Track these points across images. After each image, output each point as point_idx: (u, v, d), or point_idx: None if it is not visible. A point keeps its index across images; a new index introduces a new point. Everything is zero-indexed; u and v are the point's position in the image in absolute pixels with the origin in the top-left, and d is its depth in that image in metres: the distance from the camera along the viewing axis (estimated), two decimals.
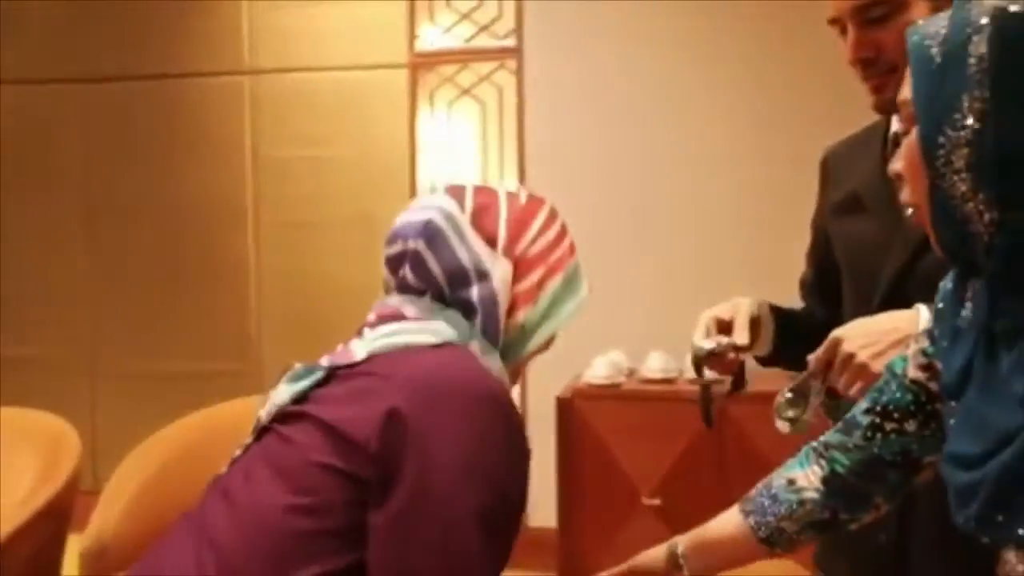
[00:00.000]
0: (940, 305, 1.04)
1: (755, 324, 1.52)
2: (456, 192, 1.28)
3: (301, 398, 1.20)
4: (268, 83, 4.05)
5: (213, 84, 4.11)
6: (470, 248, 1.23)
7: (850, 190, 1.54)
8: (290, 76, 4.02)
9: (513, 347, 1.26)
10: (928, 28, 0.90)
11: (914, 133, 0.91)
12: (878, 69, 1.41)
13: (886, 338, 1.25)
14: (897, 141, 1.45)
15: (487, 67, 3.79)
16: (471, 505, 1.09)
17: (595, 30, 3.67)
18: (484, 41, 3.79)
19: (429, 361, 1.17)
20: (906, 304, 1.36)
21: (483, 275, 1.23)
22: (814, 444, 1.20)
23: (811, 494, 1.18)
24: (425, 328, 1.20)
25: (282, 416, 1.20)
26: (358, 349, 1.21)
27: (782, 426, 1.37)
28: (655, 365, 3.44)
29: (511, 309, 1.25)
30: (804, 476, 1.19)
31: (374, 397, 1.13)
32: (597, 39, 3.68)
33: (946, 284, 1.04)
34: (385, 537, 1.10)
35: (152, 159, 4.19)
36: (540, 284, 1.26)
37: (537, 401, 3.65)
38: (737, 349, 1.46)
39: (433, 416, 1.11)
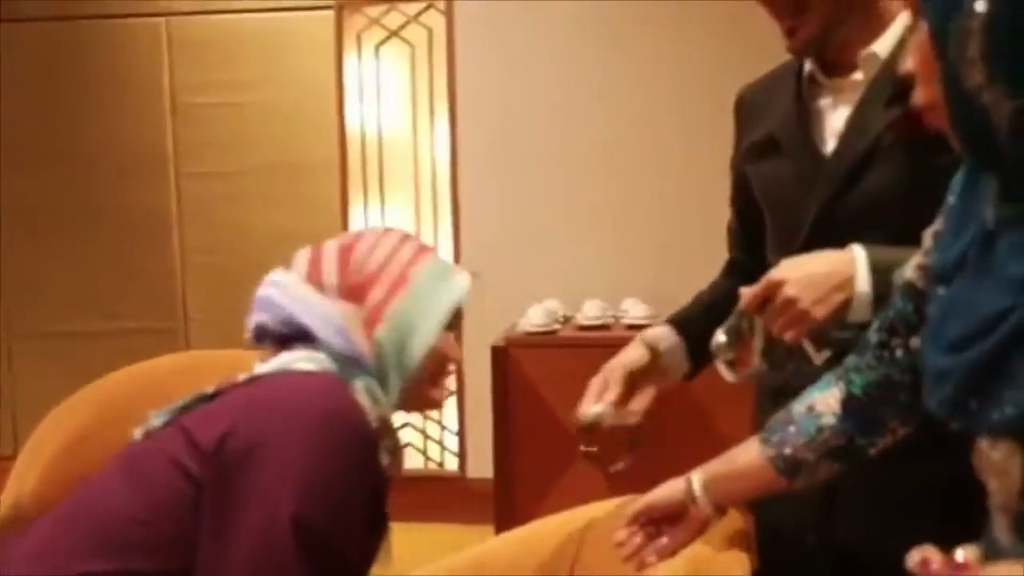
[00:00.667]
0: (951, 199, 1.02)
1: (650, 371, 1.53)
2: (292, 261, 1.37)
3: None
4: (187, 25, 3.90)
5: (129, 26, 3.95)
6: (304, 300, 1.30)
7: (766, 132, 1.51)
8: (210, 18, 3.87)
9: (393, 368, 1.31)
10: None
11: (923, 28, 0.87)
12: (787, 7, 1.38)
13: (827, 282, 1.24)
14: (814, 79, 1.45)
15: (416, 7, 3.69)
16: (290, 513, 1.12)
17: None
18: None
19: (287, 382, 1.24)
20: (830, 244, 1.35)
21: (324, 317, 1.29)
22: (836, 368, 1.19)
23: (829, 419, 1.17)
24: (307, 357, 1.27)
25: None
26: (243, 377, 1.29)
27: (725, 373, 1.37)
28: (591, 312, 3.43)
29: (367, 334, 1.30)
30: (823, 400, 1.18)
31: (226, 408, 1.21)
32: None
33: (958, 177, 1.02)
34: (207, 543, 1.14)
35: (66, 105, 4.02)
36: (384, 302, 1.30)
37: (473, 351, 3.62)
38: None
39: (269, 429, 1.16)
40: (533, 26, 3.62)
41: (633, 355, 1.54)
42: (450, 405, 3.78)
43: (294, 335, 1.29)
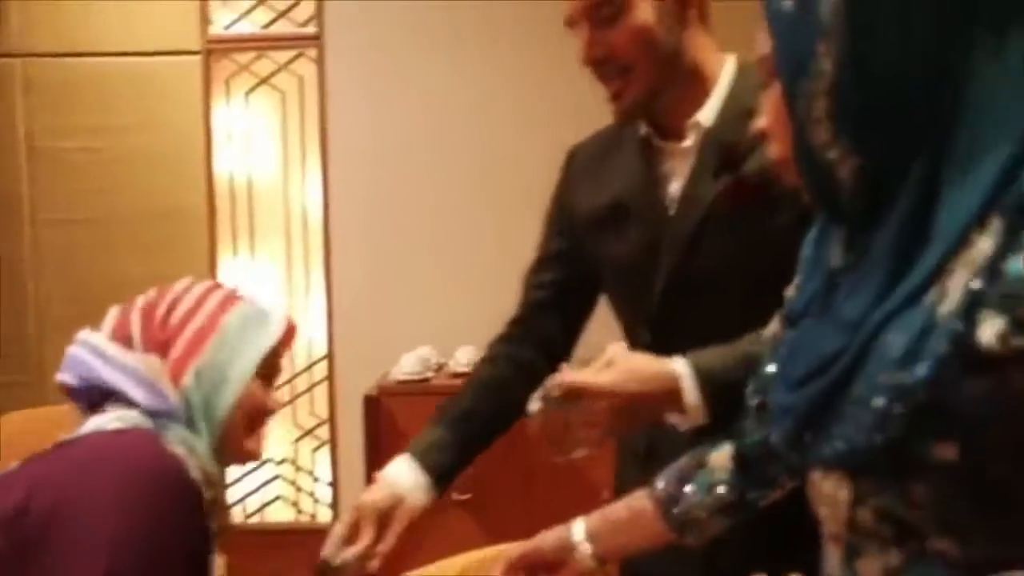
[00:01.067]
0: (806, 251, 1.04)
1: (397, 510, 1.51)
2: (101, 324, 1.36)
3: None
4: (46, 67, 3.77)
5: None
6: (108, 356, 1.29)
7: (611, 197, 1.51)
8: (71, 61, 3.75)
9: (202, 419, 1.29)
10: None
11: (776, 87, 0.91)
12: (612, 70, 1.40)
13: (644, 403, 1.29)
14: (651, 143, 1.47)
15: (286, 55, 3.68)
16: (98, 570, 1.10)
17: (399, 18, 3.63)
18: (283, 28, 3.67)
19: (93, 442, 1.23)
20: (681, 308, 1.40)
21: (129, 371, 1.27)
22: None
23: (721, 475, 1.19)
24: (117, 416, 1.25)
25: None
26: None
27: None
28: (464, 359, 3.43)
29: (175, 385, 1.28)
30: (716, 456, 1.20)
31: (26, 475, 1.20)
32: (401, 28, 3.64)
33: (813, 230, 1.05)
34: None
35: None
36: (189, 352, 1.29)
37: (346, 401, 3.59)
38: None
39: (71, 493, 1.15)
40: (404, 74, 3.65)
41: (378, 496, 1.51)
42: (322, 456, 3.73)
43: (103, 394, 1.27)
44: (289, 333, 1.43)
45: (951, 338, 0.78)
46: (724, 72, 1.45)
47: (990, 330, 0.76)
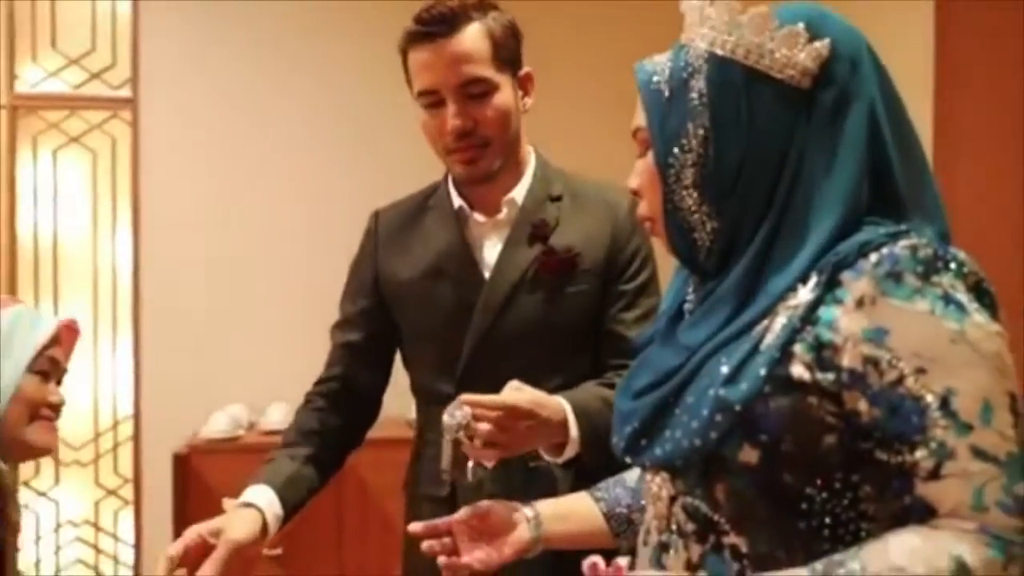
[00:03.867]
0: (670, 284, 1.18)
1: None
2: None
3: None
4: None
5: None
6: None
7: (428, 263, 1.60)
8: None
9: None
10: (652, 67, 1.05)
11: (650, 155, 1.04)
12: (473, 141, 1.50)
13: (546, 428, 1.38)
14: (462, 214, 1.59)
15: (99, 116, 3.64)
16: None
17: (214, 84, 3.67)
18: (96, 88, 3.64)
19: None
20: (489, 362, 1.51)
21: None
22: None
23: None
24: None
25: None
26: None
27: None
28: (276, 416, 3.45)
29: None
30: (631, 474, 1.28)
31: None
32: (216, 94, 3.68)
33: (674, 279, 1.17)
34: None
35: None
36: None
37: (153, 459, 3.55)
38: None
39: None
40: (218, 138, 3.67)
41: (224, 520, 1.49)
42: (125, 516, 3.67)
43: None
44: (66, 332, 1.53)
45: (768, 365, 0.94)
46: (531, 159, 1.63)
47: (799, 362, 0.93)
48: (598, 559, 1.02)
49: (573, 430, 1.38)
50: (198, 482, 3.31)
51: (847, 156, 0.98)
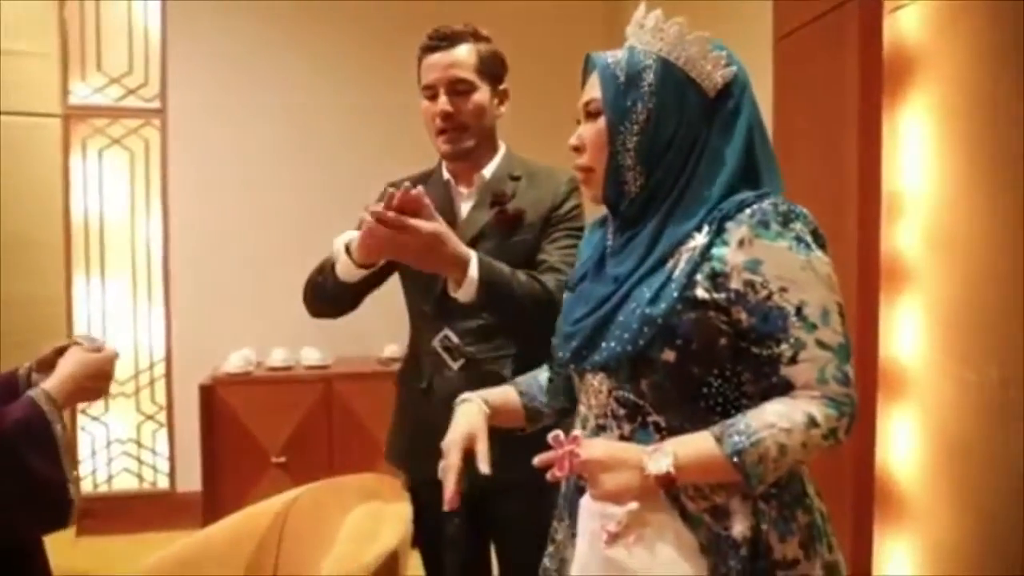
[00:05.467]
0: (582, 244, 1.20)
1: None
2: None
3: None
4: None
5: None
6: None
7: None
8: None
9: None
10: (608, 58, 1.07)
11: (601, 121, 1.06)
12: (454, 124, 1.58)
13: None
14: (450, 184, 1.64)
15: (135, 123, 3.52)
16: None
17: (228, 96, 3.60)
18: (132, 101, 3.52)
19: None
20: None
21: None
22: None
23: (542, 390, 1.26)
24: None
25: None
26: None
27: None
28: (277, 357, 3.45)
29: None
30: (541, 375, 1.29)
31: None
32: (227, 107, 3.60)
33: (594, 224, 1.19)
34: None
35: None
36: None
37: (183, 390, 3.49)
38: None
39: None
40: (230, 142, 3.60)
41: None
42: (161, 436, 3.59)
43: None
44: None
45: (679, 289, 0.99)
46: (501, 148, 1.69)
47: (701, 287, 0.99)
48: (559, 432, 1.04)
49: (473, 272, 1.38)
50: (220, 406, 3.26)
51: (734, 146, 1.05)
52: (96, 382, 1.17)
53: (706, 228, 1.01)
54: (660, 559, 0.98)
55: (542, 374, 1.30)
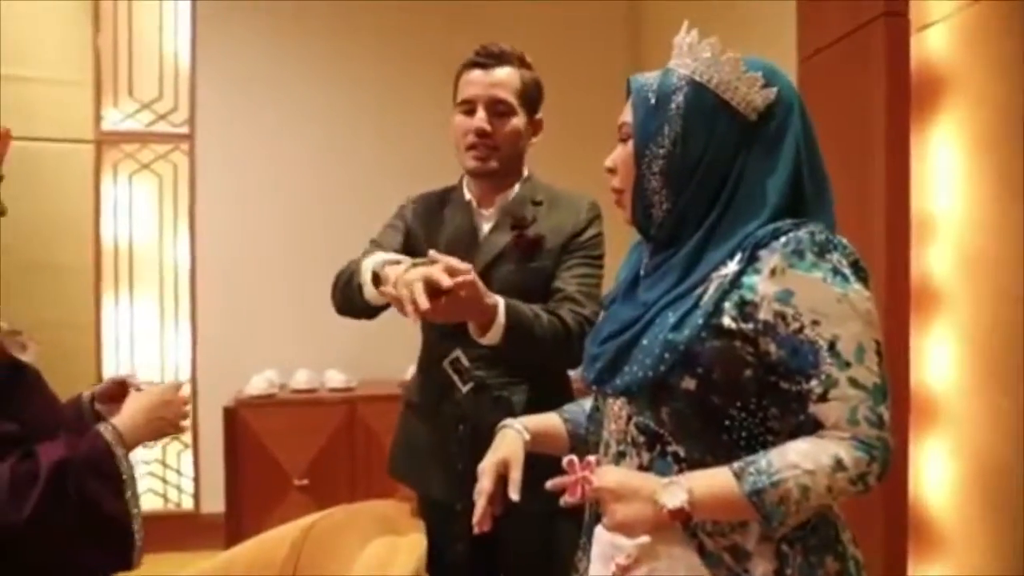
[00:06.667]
0: (627, 254, 1.16)
1: None
2: None
3: None
4: None
5: None
6: None
7: (447, 237, 1.60)
8: None
9: None
10: (644, 80, 1.04)
11: (630, 144, 1.03)
12: (487, 143, 1.56)
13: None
14: (471, 206, 1.62)
15: (164, 148, 3.55)
16: None
17: (255, 122, 3.61)
18: (162, 127, 3.55)
19: None
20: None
21: None
22: None
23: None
24: None
25: None
26: None
27: None
28: (301, 379, 3.43)
29: None
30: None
31: None
32: (253, 131, 3.61)
33: (634, 245, 1.15)
34: None
35: None
36: None
37: (208, 412, 3.47)
38: None
39: None
40: (254, 165, 3.61)
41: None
42: (186, 456, 3.57)
43: None
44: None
45: (705, 316, 0.94)
46: (525, 174, 1.66)
47: (728, 315, 0.94)
48: (574, 457, 0.99)
49: (501, 317, 1.35)
50: (242, 429, 3.24)
51: (778, 174, 0.99)
52: (166, 412, 1.15)
53: (738, 256, 0.96)
54: None
55: (588, 402, 1.25)
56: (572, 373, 1.62)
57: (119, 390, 1.20)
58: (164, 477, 3.57)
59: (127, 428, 1.11)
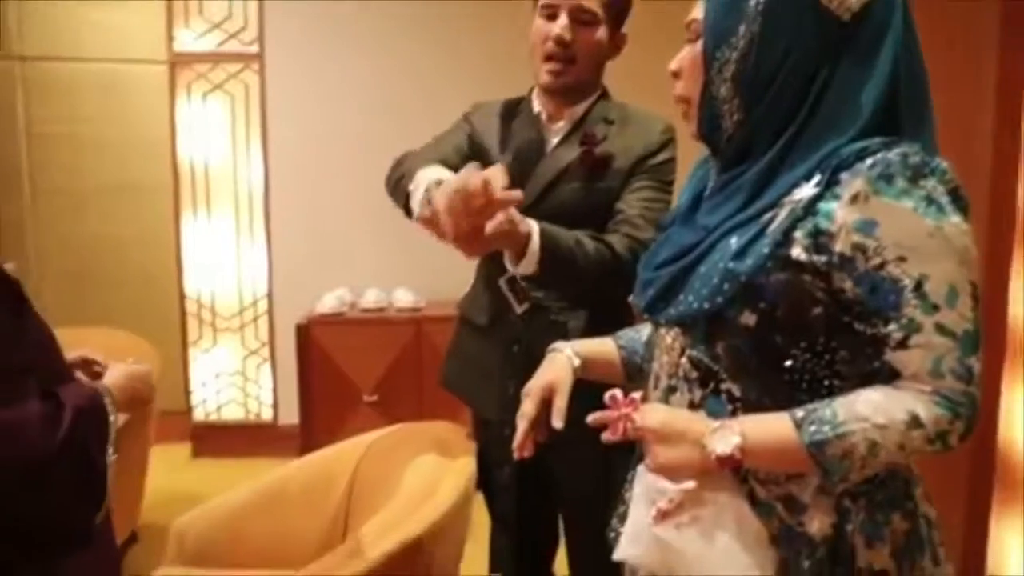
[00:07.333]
0: (690, 171, 1.06)
1: None
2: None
3: None
4: (39, 68, 3.52)
5: None
6: None
7: (512, 148, 1.52)
8: (56, 64, 3.50)
9: None
10: None
11: (699, 45, 0.91)
12: (566, 54, 1.45)
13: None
14: (540, 118, 1.51)
15: (235, 67, 3.51)
16: None
17: (322, 40, 3.53)
18: (232, 46, 3.51)
19: None
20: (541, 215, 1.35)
21: None
22: None
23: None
24: None
25: None
26: None
27: None
28: (370, 298, 3.44)
29: None
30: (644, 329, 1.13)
31: None
32: (323, 45, 3.54)
33: (699, 161, 1.05)
34: None
35: None
36: None
37: (283, 328, 3.55)
38: None
39: None
40: (325, 81, 3.55)
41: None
42: (264, 369, 3.68)
43: None
44: None
45: (772, 245, 0.83)
46: (598, 93, 1.55)
47: (798, 245, 0.83)
48: (617, 392, 0.92)
49: (535, 245, 1.25)
50: (314, 346, 3.30)
51: (871, 84, 0.84)
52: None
53: (816, 178, 0.83)
54: (717, 546, 0.85)
55: (646, 328, 1.16)
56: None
57: (83, 366, 1.21)
58: (244, 389, 3.69)
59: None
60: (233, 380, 3.68)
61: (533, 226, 1.27)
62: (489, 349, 1.55)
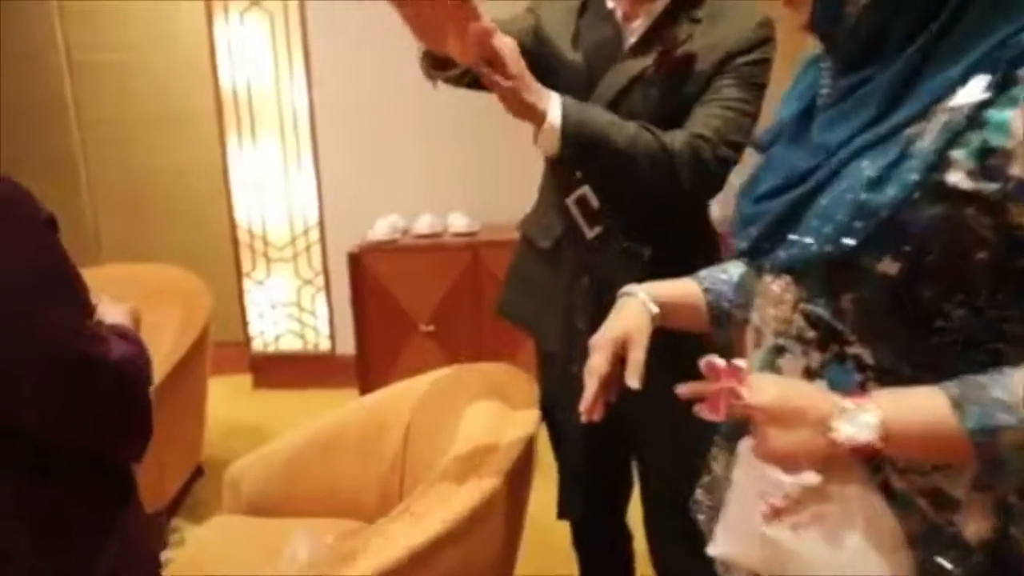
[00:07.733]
0: (783, 97, 0.87)
1: None
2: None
3: None
4: None
5: None
6: None
7: (583, 45, 1.33)
8: None
9: None
10: None
11: None
12: None
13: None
14: (614, 15, 1.31)
15: None
16: None
17: None
18: None
19: None
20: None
21: None
22: None
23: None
24: None
25: None
26: None
27: None
28: (424, 224, 3.29)
29: None
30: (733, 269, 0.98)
31: None
32: None
33: (807, 61, 0.85)
34: None
35: None
36: None
37: (335, 256, 3.45)
38: None
39: None
40: (375, 4, 3.35)
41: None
42: (320, 299, 3.61)
43: None
44: None
45: (922, 171, 0.63)
46: None
47: (959, 169, 0.63)
48: (716, 359, 0.73)
49: (555, 119, 1.12)
50: (367, 273, 3.18)
51: None
52: (137, 325, 1.12)
53: (981, 78, 0.62)
54: (842, 550, 0.68)
55: (734, 267, 0.98)
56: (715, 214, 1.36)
57: None
58: (300, 319, 3.63)
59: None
60: (289, 311, 3.62)
61: (553, 99, 1.11)
62: (555, 276, 1.40)
